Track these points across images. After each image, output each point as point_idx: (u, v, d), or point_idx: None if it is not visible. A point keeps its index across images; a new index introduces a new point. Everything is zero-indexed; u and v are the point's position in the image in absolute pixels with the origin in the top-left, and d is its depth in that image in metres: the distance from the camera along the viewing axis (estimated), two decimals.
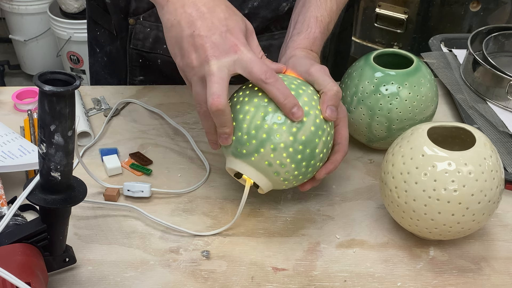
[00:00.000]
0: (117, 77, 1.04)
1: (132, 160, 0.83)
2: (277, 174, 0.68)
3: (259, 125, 0.66)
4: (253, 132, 0.66)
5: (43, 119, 0.54)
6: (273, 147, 0.66)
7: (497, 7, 1.60)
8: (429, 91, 0.80)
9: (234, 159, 0.69)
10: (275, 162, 0.66)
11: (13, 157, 0.78)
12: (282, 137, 0.65)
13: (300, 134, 0.66)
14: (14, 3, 2.42)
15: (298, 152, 0.66)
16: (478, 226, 0.67)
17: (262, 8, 0.91)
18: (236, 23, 0.67)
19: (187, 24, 0.65)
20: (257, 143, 0.66)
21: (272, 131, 0.65)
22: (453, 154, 0.64)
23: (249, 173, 0.68)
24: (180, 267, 0.68)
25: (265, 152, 0.66)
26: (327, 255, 0.70)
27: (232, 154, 0.69)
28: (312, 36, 0.75)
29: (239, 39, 0.65)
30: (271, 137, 0.65)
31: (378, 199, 0.78)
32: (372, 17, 1.73)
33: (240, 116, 0.67)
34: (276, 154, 0.66)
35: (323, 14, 0.77)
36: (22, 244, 0.59)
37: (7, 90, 0.98)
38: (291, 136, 0.65)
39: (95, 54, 1.07)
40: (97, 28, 1.04)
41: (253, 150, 0.66)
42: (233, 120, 0.67)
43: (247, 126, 0.66)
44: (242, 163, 0.68)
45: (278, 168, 0.67)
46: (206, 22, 0.65)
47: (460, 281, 0.67)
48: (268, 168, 0.67)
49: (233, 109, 0.67)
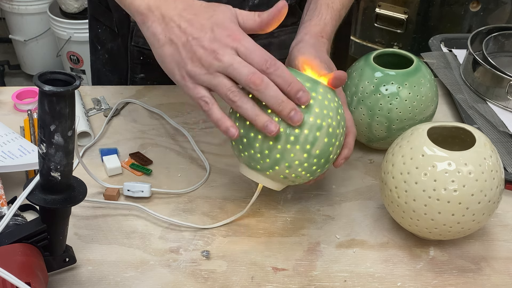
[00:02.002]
0: (118, 74, 1.04)
1: (132, 160, 0.83)
2: (293, 182, 0.68)
3: (272, 146, 0.64)
4: (266, 152, 0.65)
5: (43, 119, 0.54)
6: (288, 165, 0.65)
7: (497, 7, 1.60)
8: (429, 91, 0.80)
9: (247, 168, 0.68)
10: (290, 176, 0.67)
11: (13, 157, 0.78)
12: (296, 156, 0.64)
13: (314, 150, 0.65)
14: (14, 3, 2.42)
15: (313, 164, 0.66)
16: (478, 226, 0.67)
17: (262, 6, 0.91)
18: (223, 15, 0.65)
19: (179, 36, 0.65)
20: (271, 162, 0.65)
21: (286, 151, 0.64)
22: (453, 154, 0.64)
23: (263, 182, 0.68)
24: (180, 267, 0.68)
25: (280, 169, 0.66)
26: (327, 255, 0.70)
27: (245, 164, 0.68)
28: (323, 22, 0.76)
29: (232, 29, 0.64)
30: (285, 157, 0.64)
31: (378, 199, 0.78)
32: (372, 17, 1.73)
33: (251, 134, 0.65)
34: (291, 170, 0.66)
35: (334, 1, 0.78)
36: (22, 244, 0.59)
37: (7, 90, 0.98)
38: (305, 153, 0.64)
39: (96, 51, 1.07)
40: (99, 25, 1.04)
41: (267, 167, 0.66)
42: (244, 137, 0.65)
43: (259, 146, 0.65)
44: (255, 174, 0.68)
45: (293, 179, 0.67)
46: (195, 26, 0.64)
47: (460, 281, 0.67)
48: (284, 180, 0.68)
49: (242, 125, 0.65)
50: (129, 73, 1.02)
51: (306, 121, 0.64)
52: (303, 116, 0.63)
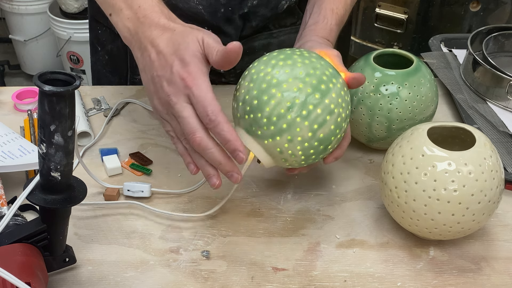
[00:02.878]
0: (118, 75, 1.04)
1: (132, 160, 0.83)
2: (285, 161, 0.68)
3: (282, 114, 0.64)
4: (274, 119, 0.64)
5: (43, 119, 0.54)
6: (290, 138, 0.64)
7: (497, 7, 1.60)
8: (429, 91, 0.80)
9: (245, 134, 0.67)
10: (286, 152, 0.66)
11: (13, 157, 0.78)
12: (301, 132, 0.64)
13: (319, 132, 0.65)
14: (14, 3, 2.42)
15: (313, 147, 0.66)
16: (478, 226, 0.67)
17: (261, 7, 0.91)
18: (187, 50, 0.64)
19: (149, 68, 0.66)
20: (275, 130, 0.64)
21: (294, 123, 0.64)
22: (453, 154, 0.64)
23: (256, 151, 0.67)
24: (180, 267, 0.68)
25: (280, 140, 0.65)
26: (327, 255, 0.70)
27: (245, 129, 0.67)
28: (329, 27, 0.77)
29: (189, 70, 0.63)
30: (291, 129, 0.64)
31: (378, 199, 0.78)
32: (372, 17, 1.73)
33: (264, 97, 0.64)
34: (291, 146, 0.65)
35: (338, 6, 0.79)
36: (22, 244, 0.59)
37: (7, 90, 0.98)
38: (310, 132, 0.64)
39: (96, 52, 1.07)
40: (99, 26, 1.04)
41: (269, 135, 0.65)
42: (255, 98, 0.64)
43: (269, 111, 0.64)
44: (252, 141, 0.67)
45: (287, 156, 0.67)
46: (161, 61, 0.65)
47: (460, 281, 0.67)
48: (278, 154, 0.66)
49: (257, 84, 0.65)
50: (129, 74, 1.02)
51: (321, 102, 0.64)
52: (239, 178, 0.66)
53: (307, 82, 0.64)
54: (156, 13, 0.69)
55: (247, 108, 0.65)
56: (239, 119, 0.68)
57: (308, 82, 0.64)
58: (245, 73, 0.68)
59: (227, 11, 0.90)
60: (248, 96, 0.65)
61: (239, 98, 0.67)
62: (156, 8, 0.69)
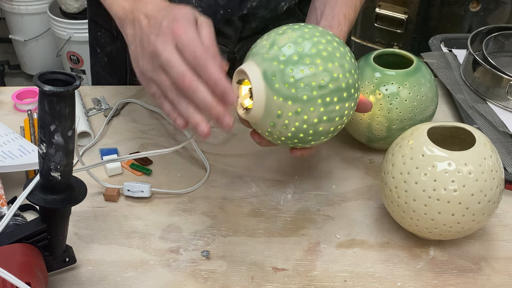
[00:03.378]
0: (117, 77, 1.04)
1: (132, 160, 0.83)
2: (273, 125, 0.64)
3: (308, 87, 0.61)
4: (301, 85, 0.61)
5: (43, 119, 0.54)
6: (299, 111, 0.62)
7: (497, 7, 1.60)
8: (429, 91, 0.80)
9: (260, 75, 0.63)
10: (283, 121, 0.63)
11: (13, 157, 0.78)
12: (312, 112, 0.62)
13: (321, 124, 0.63)
14: (14, 3, 2.42)
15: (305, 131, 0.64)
16: (478, 226, 0.67)
17: (261, 8, 0.91)
18: (181, 12, 0.63)
19: (139, 34, 0.65)
20: (292, 95, 0.61)
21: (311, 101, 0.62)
22: (453, 154, 0.64)
23: (256, 96, 0.63)
24: (180, 267, 0.68)
25: (289, 106, 0.62)
26: (327, 255, 0.70)
27: (263, 72, 0.63)
28: (343, 35, 0.75)
29: (179, 24, 0.62)
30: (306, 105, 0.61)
31: (378, 199, 0.78)
32: (372, 17, 1.73)
33: (306, 59, 0.61)
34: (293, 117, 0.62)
35: (349, 12, 0.77)
36: (22, 244, 0.59)
37: (7, 90, 0.98)
38: (316, 118, 0.63)
39: (96, 54, 1.07)
40: (98, 28, 1.04)
41: (283, 94, 0.61)
42: (296, 54, 0.62)
43: (299, 75, 0.61)
44: (263, 85, 0.62)
45: (280, 126, 0.64)
46: (151, 23, 0.64)
47: (460, 281, 0.67)
48: (275, 116, 0.63)
49: (306, 42, 0.62)
50: (128, 76, 1.02)
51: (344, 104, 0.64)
52: (231, 122, 0.60)
53: (348, 77, 0.63)
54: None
55: (282, 57, 0.62)
56: (264, 60, 0.63)
57: (349, 77, 0.63)
58: (288, 28, 0.65)
59: (227, 12, 0.90)
60: (290, 47, 0.62)
61: (277, 41, 0.63)
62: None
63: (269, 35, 0.66)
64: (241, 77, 0.66)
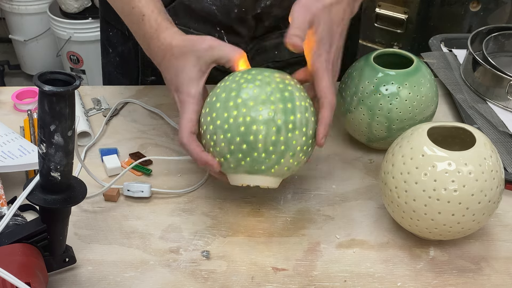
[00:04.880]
0: (129, 77, 1.04)
1: (132, 160, 0.83)
2: (291, 172, 0.69)
3: (275, 140, 0.65)
4: (271, 148, 0.65)
5: (43, 119, 0.54)
6: (292, 153, 0.66)
7: (497, 7, 1.60)
8: (429, 91, 0.79)
9: (248, 176, 0.68)
10: (293, 165, 0.68)
11: (13, 157, 0.78)
12: (297, 142, 0.66)
13: (308, 130, 0.67)
14: (14, 3, 2.42)
15: (309, 145, 0.68)
16: (478, 226, 0.67)
17: (275, 7, 0.91)
18: (183, 78, 0.70)
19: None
20: (276, 156, 0.66)
21: (289, 140, 0.65)
22: (453, 154, 0.64)
23: (267, 183, 0.68)
24: (180, 267, 0.68)
25: (285, 161, 0.66)
26: (327, 255, 0.70)
27: (246, 172, 0.67)
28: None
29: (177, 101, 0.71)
30: (289, 146, 0.65)
31: (378, 199, 0.78)
32: (372, 17, 1.72)
33: (250, 137, 0.65)
34: (295, 158, 0.67)
35: None
36: (22, 244, 0.59)
37: (7, 90, 0.98)
38: (303, 136, 0.66)
39: (108, 54, 1.07)
40: (110, 28, 1.04)
41: (273, 163, 0.66)
42: (242, 143, 0.65)
43: (263, 145, 0.65)
44: (259, 177, 0.68)
45: (294, 167, 0.68)
46: (167, 84, 0.74)
47: (460, 281, 0.67)
48: (286, 172, 0.68)
49: (235, 130, 0.65)
50: (140, 76, 1.02)
51: (295, 107, 0.65)
52: (215, 165, 0.68)
53: (273, 100, 0.65)
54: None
55: (239, 155, 0.66)
56: (235, 168, 0.67)
57: (275, 100, 0.65)
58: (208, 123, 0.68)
59: (241, 11, 0.89)
60: (233, 146, 0.65)
61: (223, 152, 0.67)
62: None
63: (207, 141, 0.69)
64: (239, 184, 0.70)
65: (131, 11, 0.75)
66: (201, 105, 0.70)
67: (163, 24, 0.74)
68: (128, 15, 0.76)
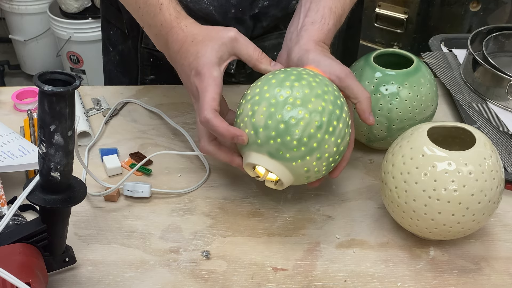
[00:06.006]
0: (129, 76, 1.04)
1: (132, 160, 0.83)
2: (307, 178, 0.68)
3: (312, 134, 0.64)
4: (305, 140, 0.64)
5: (43, 119, 0.54)
6: (319, 156, 0.66)
7: (497, 7, 1.60)
8: (429, 91, 0.80)
9: (268, 158, 0.66)
10: (313, 169, 0.67)
11: (13, 157, 0.78)
12: (329, 148, 0.66)
13: (341, 145, 0.67)
14: (14, 3, 2.42)
15: (334, 161, 0.68)
16: (478, 226, 0.67)
17: (272, 7, 0.91)
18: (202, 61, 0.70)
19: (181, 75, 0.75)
20: (305, 150, 0.65)
21: (323, 141, 0.65)
22: (453, 154, 0.64)
23: (281, 174, 0.67)
24: (180, 267, 0.68)
25: (309, 160, 0.65)
26: (327, 255, 0.70)
27: (268, 153, 0.66)
28: (327, 28, 0.74)
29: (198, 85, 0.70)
30: (320, 147, 0.65)
31: (378, 199, 0.78)
32: (372, 17, 1.73)
33: (292, 120, 0.64)
34: (318, 163, 0.66)
35: (337, 5, 0.76)
36: (22, 244, 0.59)
37: (7, 90, 0.98)
38: (335, 147, 0.66)
39: (108, 53, 1.07)
40: (110, 27, 1.04)
41: (298, 156, 0.65)
42: (281, 122, 0.64)
43: (299, 132, 0.64)
44: (277, 164, 0.66)
45: (312, 173, 0.67)
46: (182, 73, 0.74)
47: (460, 281, 0.67)
48: (304, 173, 0.67)
49: (280, 107, 0.64)
50: (139, 75, 1.02)
51: (341, 116, 0.66)
52: (245, 138, 0.67)
53: (326, 99, 0.65)
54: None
55: (272, 133, 0.64)
56: (260, 145, 0.66)
57: (328, 99, 0.65)
58: (254, 96, 0.67)
59: (238, 11, 0.89)
60: (271, 121, 0.64)
61: (257, 124, 0.65)
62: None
63: (242, 117, 0.68)
64: (253, 164, 0.69)
65: (146, 2, 0.74)
66: (221, 88, 0.69)
67: (182, 12, 0.74)
68: (144, 6, 0.75)
